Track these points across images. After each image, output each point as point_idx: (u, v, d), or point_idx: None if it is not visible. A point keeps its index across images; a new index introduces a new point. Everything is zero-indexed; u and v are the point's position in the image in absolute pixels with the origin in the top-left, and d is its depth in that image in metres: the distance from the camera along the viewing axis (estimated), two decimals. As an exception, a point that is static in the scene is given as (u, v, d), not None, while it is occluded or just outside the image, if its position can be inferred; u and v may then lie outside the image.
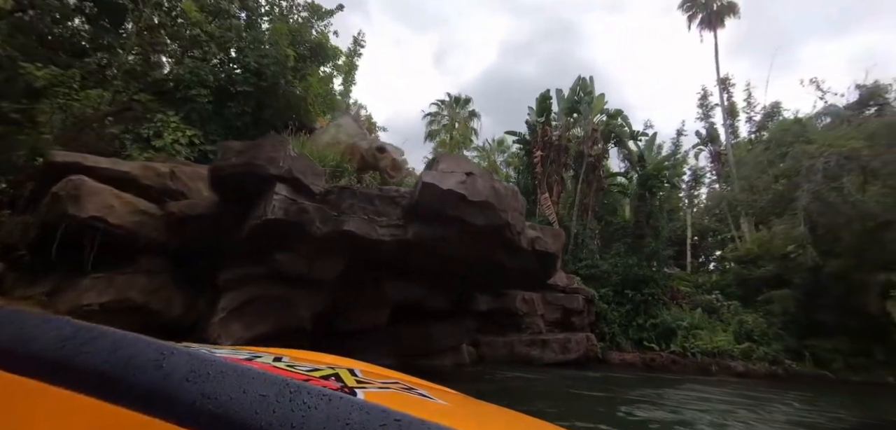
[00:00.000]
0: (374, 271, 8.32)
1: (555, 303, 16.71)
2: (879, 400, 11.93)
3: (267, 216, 6.87)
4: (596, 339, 16.89)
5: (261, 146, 7.36)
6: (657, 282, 18.08)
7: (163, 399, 0.40)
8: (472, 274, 9.55)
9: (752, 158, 19.02)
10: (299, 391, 0.41)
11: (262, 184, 7.17)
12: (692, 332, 16.66)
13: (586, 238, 20.37)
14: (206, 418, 0.38)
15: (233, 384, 0.41)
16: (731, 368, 15.77)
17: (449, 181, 7.20)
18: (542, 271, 10.18)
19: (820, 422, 7.84)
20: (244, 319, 7.89)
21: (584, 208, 22.02)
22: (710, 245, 28.08)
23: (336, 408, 0.40)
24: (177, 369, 0.41)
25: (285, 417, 0.39)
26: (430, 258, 8.26)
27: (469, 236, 7.96)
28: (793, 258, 18.32)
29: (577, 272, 19.17)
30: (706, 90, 29.79)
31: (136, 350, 0.42)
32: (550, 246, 9.51)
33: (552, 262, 9.95)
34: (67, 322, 0.44)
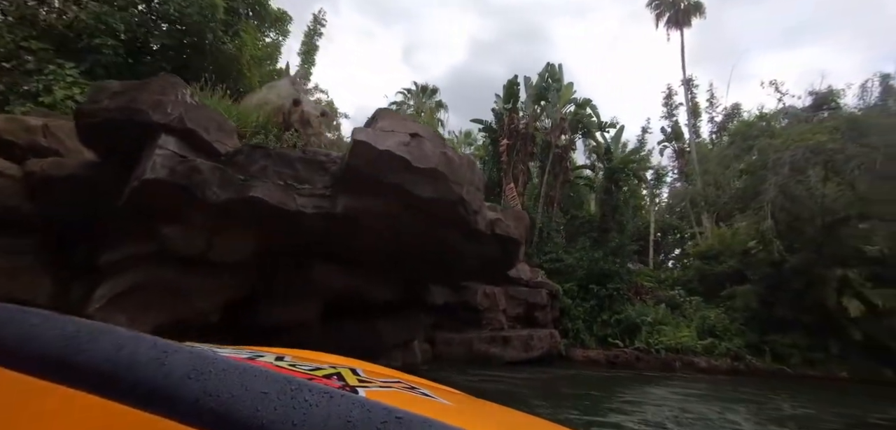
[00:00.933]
0: (298, 253, 6.84)
1: (518, 297, 15.70)
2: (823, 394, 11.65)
3: (145, 176, 5.27)
4: (560, 335, 16.05)
5: (145, 87, 5.71)
6: (622, 277, 17.50)
7: (165, 397, 0.39)
8: (423, 262, 8.26)
9: (717, 153, 18.84)
10: (301, 389, 0.41)
11: (145, 135, 5.54)
12: (656, 328, 16.14)
13: (551, 231, 19.57)
14: (208, 415, 0.38)
15: (234, 381, 0.40)
16: (695, 364, 15.35)
17: (388, 141, 5.84)
18: (503, 260, 9.02)
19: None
20: (129, 309, 6.19)
21: (549, 201, 21.24)
22: (671, 244, 28.28)
23: (338, 405, 0.40)
24: (178, 367, 0.41)
25: (287, 414, 0.38)
26: (368, 239, 6.88)
27: (415, 213, 6.65)
28: (753, 254, 18.31)
29: (542, 266, 18.31)
30: (671, 89, 30.06)
31: (138, 348, 0.42)
32: (512, 231, 8.35)
33: (514, 249, 8.81)
34: (70, 320, 0.43)
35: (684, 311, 17.73)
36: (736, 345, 15.67)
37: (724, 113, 29.22)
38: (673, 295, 18.74)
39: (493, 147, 22.42)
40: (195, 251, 5.87)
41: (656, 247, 25.70)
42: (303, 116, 7.50)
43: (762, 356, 15.48)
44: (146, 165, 5.31)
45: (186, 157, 5.42)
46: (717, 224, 21.50)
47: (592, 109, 20.55)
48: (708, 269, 19.42)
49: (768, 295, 15.93)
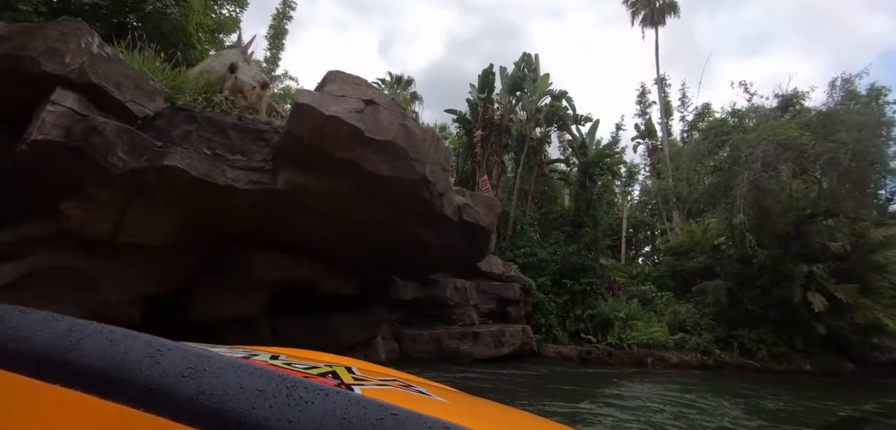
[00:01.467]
0: (235, 238, 5.94)
1: (490, 292, 15.15)
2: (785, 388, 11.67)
3: (33, 137, 4.29)
4: (532, 331, 15.62)
5: (38, 32, 4.70)
6: (595, 272, 17.24)
7: (159, 396, 0.39)
8: (382, 251, 7.49)
9: (690, 148, 18.84)
10: (296, 386, 0.41)
11: (35, 88, 4.54)
12: (629, 323, 15.94)
13: (525, 225, 19.14)
14: (203, 413, 0.38)
15: (230, 379, 0.40)
16: (666, 359, 15.23)
17: (337, 107, 5.04)
18: (472, 250, 8.38)
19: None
20: (24, 301, 5.13)
21: (523, 194, 20.82)
22: (641, 241, 28.53)
23: (333, 403, 0.40)
24: (173, 365, 0.41)
25: (282, 412, 0.38)
26: (315, 224, 6.06)
27: (370, 194, 5.88)
28: (723, 250, 18.46)
29: (515, 260, 17.85)
30: (645, 87, 30.32)
31: (133, 347, 0.42)
32: (482, 218, 7.70)
33: (484, 239, 8.18)
34: (63, 319, 0.43)
35: (656, 306, 17.66)
36: (705, 340, 15.66)
37: (694, 112, 29.74)
38: (645, 290, 18.68)
39: (468, 138, 21.80)
40: (101, 233, 4.90)
41: (628, 243, 25.81)
42: (236, 83, 6.54)
43: (730, 351, 15.53)
44: (35, 125, 4.33)
45: (86, 116, 4.46)
46: (687, 221, 21.66)
47: (568, 102, 20.24)
48: (679, 265, 19.49)
49: (737, 290, 16.00)
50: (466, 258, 8.61)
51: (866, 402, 10.39)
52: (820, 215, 14.83)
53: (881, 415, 9.20)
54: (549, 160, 22.18)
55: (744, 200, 13.53)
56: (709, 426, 6.47)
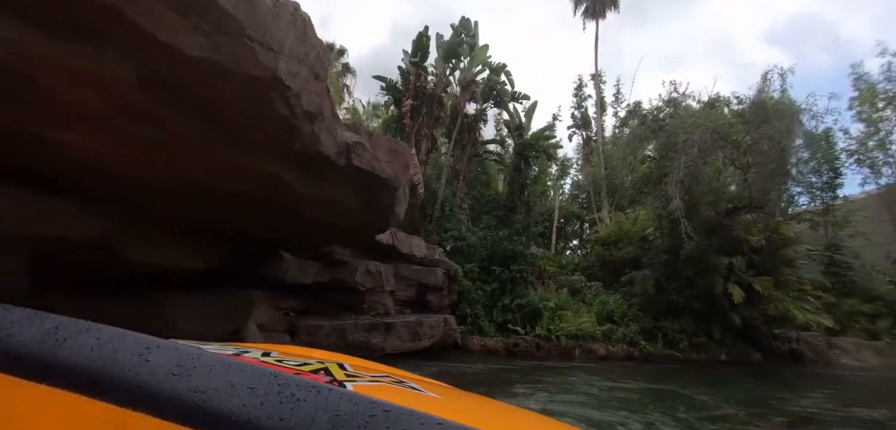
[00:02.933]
0: None
1: (409, 278, 13.21)
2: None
3: None
4: (456, 322, 13.99)
5: None
6: (527, 259, 16.06)
7: (149, 394, 0.38)
8: (224, 202, 5.14)
9: (628, 133, 18.36)
10: (288, 384, 0.40)
11: None
12: (558, 313, 14.95)
13: (455, 207, 17.47)
14: (193, 411, 0.37)
15: (220, 377, 0.40)
16: (594, 351, 14.45)
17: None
18: (371, 213, 6.30)
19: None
20: None
21: (455, 174, 19.15)
22: (570, 235, 28.46)
23: (325, 400, 0.39)
24: (163, 363, 0.40)
25: (274, 409, 0.38)
26: (84, 140, 3.58)
27: (173, 90, 3.55)
28: (651, 240, 18.31)
29: (442, 244, 16.11)
30: (582, 80, 30.24)
31: (121, 345, 0.41)
32: (383, 166, 5.65)
33: (387, 198, 6.13)
34: (48, 317, 0.42)
35: (585, 297, 16.98)
36: (632, 331, 15.15)
37: (627, 110, 30.25)
38: (574, 281, 17.98)
39: (397, 110, 19.61)
40: None
41: (558, 234, 25.38)
42: None
43: (655, 342, 15.16)
44: None
45: None
46: (617, 212, 21.47)
47: (507, 76, 18.85)
48: (608, 255, 19.08)
49: (664, 281, 15.70)
50: (365, 226, 6.54)
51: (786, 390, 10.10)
52: (743, 208, 14.85)
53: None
54: (483, 140, 20.72)
55: (680, 186, 12.97)
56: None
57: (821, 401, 8.87)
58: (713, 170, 13.87)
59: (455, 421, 0.43)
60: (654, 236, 17.98)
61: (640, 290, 15.95)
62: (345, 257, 11.36)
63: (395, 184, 5.87)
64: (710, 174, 13.67)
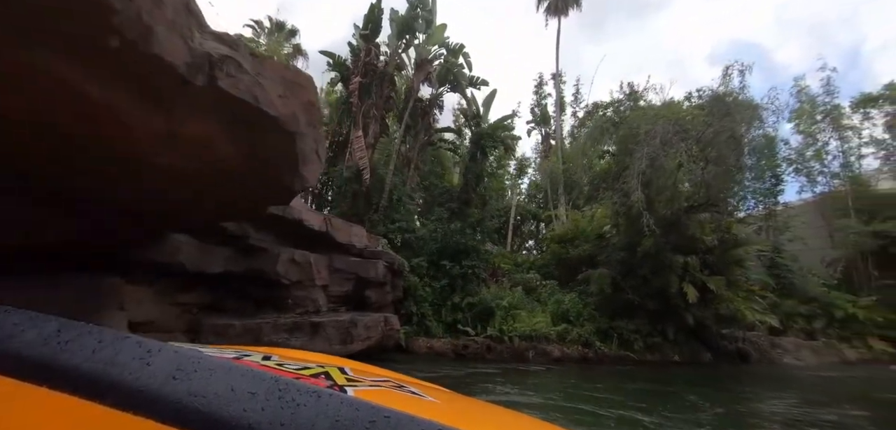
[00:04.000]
0: None
1: (346, 271, 11.59)
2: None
3: None
4: (399, 322, 12.52)
5: None
6: (479, 254, 14.90)
7: (149, 398, 0.38)
8: (60, 157, 3.44)
9: (591, 125, 17.67)
10: (288, 388, 0.40)
11: None
12: (511, 313, 13.89)
13: (404, 196, 16.00)
14: (193, 416, 0.37)
15: (221, 381, 0.40)
16: (548, 353, 13.50)
17: None
18: (257, 170, 4.66)
19: None
20: None
21: (406, 162, 17.69)
22: (526, 235, 27.82)
23: (326, 405, 0.39)
24: (163, 367, 0.40)
25: (275, 414, 0.38)
26: None
27: None
28: (608, 238, 17.79)
29: (388, 236, 14.59)
30: (542, 77, 29.78)
31: (122, 348, 0.41)
32: (272, 100, 4.08)
33: (282, 145, 4.50)
34: (50, 319, 0.42)
35: (540, 296, 16.09)
36: (587, 331, 14.38)
37: (585, 110, 30.12)
38: (530, 279, 17.07)
39: (344, 88, 17.86)
40: None
41: (514, 232, 24.58)
42: None
43: (610, 342, 14.48)
44: None
45: None
46: (574, 210, 20.89)
47: (465, 58, 17.63)
48: (564, 253, 18.36)
49: (621, 280, 15.09)
50: (253, 191, 4.90)
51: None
52: (700, 206, 14.50)
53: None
54: (439, 128, 19.40)
55: (641, 177, 12.30)
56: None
57: (791, 403, 8.32)
58: (673, 165, 13.39)
59: (454, 426, 0.41)
60: (612, 233, 17.48)
61: (597, 289, 15.26)
62: (263, 243, 9.58)
63: (292, 128, 4.32)
64: (670, 169, 13.16)
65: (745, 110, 12.45)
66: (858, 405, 8.48)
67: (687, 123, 12.71)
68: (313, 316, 10.11)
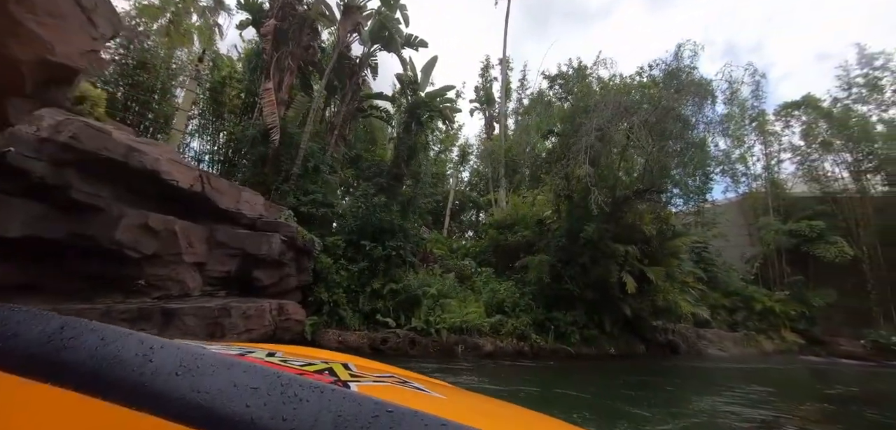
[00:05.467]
0: None
1: (230, 245, 9.12)
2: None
3: None
4: (303, 310, 10.28)
5: None
6: (407, 235, 12.98)
7: (152, 394, 0.38)
8: None
9: (538, 97, 16.29)
10: (291, 384, 0.41)
11: None
12: (440, 302, 12.16)
13: (321, 164, 13.61)
14: (196, 412, 0.38)
15: (223, 377, 0.40)
16: (480, 347, 11.96)
17: None
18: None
19: None
20: None
21: (329, 128, 15.27)
22: (466, 226, 26.44)
23: (328, 400, 0.39)
24: (166, 363, 0.40)
25: (277, 409, 0.38)
26: None
27: None
28: (549, 224, 16.72)
29: (299, 209, 12.20)
30: (489, 60, 28.45)
31: (125, 345, 0.41)
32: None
33: None
34: (53, 317, 0.42)
35: (474, 284, 14.57)
36: (523, 323, 13.07)
37: (530, 98, 29.27)
38: (464, 266, 15.51)
39: (257, 32, 15.00)
40: None
41: (453, 218, 23.00)
42: None
43: (546, 335, 13.30)
44: None
45: None
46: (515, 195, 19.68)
47: (402, 12, 15.49)
48: (502, 239, 17.03)
49: (561, 268, 13.97)
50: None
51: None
52: (645, 191, 13.71)
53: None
54: (370, 93, 17.12)
55: (590, 151, 11.09)
56: None
57: (743, 394, 7.38)
58: (621, 142, 12.44)
59: (458, 422, 0.41)
60: (553, 219, 16.44)
61: (535, 277, 14.02)
62: (94, 199, 6.91)
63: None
64: (618, 142, 12.16)
65: (697, 88, 11.67)
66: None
67: (636, 102, 11.72)
68: (170, 302, 7.61)
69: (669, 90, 11.80)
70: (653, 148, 11.98)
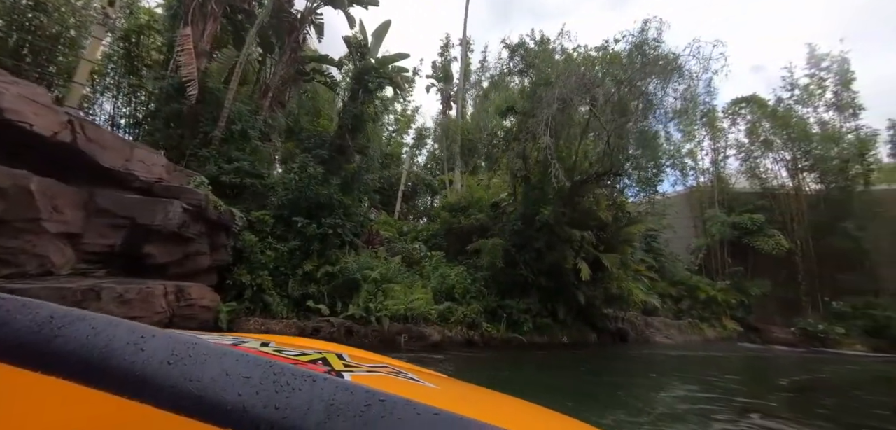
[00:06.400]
0: None
1: (116, 213, 7.37)
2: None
3: None
4: (216, 295, 8.70)
5: None
6: (347, 212, 11.61)
7: (143, 382, 0.38)
8: None
9: (499, 66, 15.19)
10: (283, 373, 0.40)
11: None
12: (383, 287, 10.95)
13: (249, 128, 11.86)
14: (188, 400, 0.37)
15: (215, 366, 0.40)
16: (426, 337, 10.92)
17: None
18: None
19: None
20: None
21: (263, 90, 13.45)
22: (420, 212, 25.26)
23: (321, 389, 0.39)
24: (157, 352, 0.40)
25: (270, 398, 0.38)
26: None
27: None
28: (504, 206, 15.92)
29: (220, 178, 10.47)
30: (449, 39, 27.17)
31: (116, 334, 0.40)
32: None
33: None
34: (42, 306, 0.42)
35: (423, 269, 13.48)
36: (474, 311, 12.17)
37: (490, 79, 28.41)
38: (414, 249, 14.37)
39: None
40: None
41: (408, 201, 21.73)
42: None
43: (498, 324, 12.50)
44: None
45: None
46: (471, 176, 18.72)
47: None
48: (455, 222, 16.02)
49: (515, 252, 13.18)
50: None
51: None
52: (604, 174, 13.16)
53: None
54: (313, 54, 15.36)
55: (552, 122, 10.24)
56: None
57: (710, 383, 6.85)
58: (579, 127, 11.76)
59: (450, 411, 0.41)
60: (508, 202, 15.64)
61: (488, 261, 13.15)
62: None
63: None
64: (579, 120, 11.43)
65: (664, 62, 11.06)
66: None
67: (599, 78, 11.01)
68: (23, 281, 5.86)
69: (634, 65, 11.18)
70: (614, 127, 11.36)
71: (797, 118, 23.20)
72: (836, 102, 22.95)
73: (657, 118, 13.99)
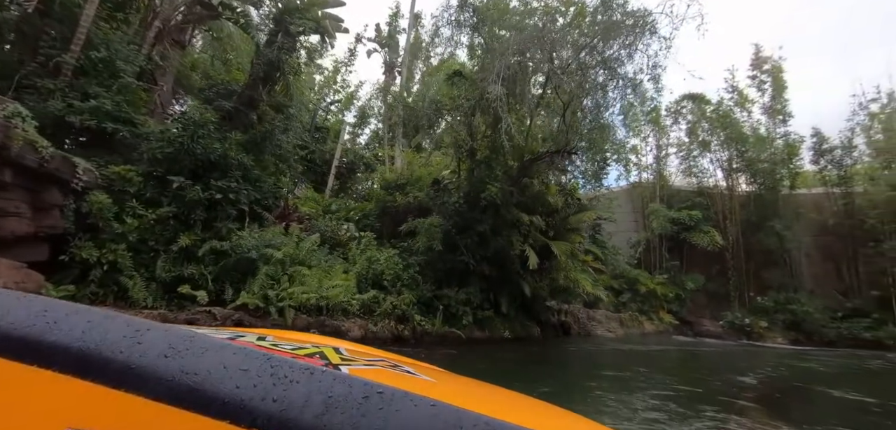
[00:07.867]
0: None
1: None
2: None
3: None
4: (39, 276, 6.18)
5: None
6: (253, 178, 9.29)
7: (140, 376, 0.38)
8: None
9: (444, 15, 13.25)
10: (281, 366, 0.40)
11: None
12: (290, 271, 8.82)
13: (119, 59, 9.06)
14: (185, 393, 0.37)
15: (213, 359, 0.40)
16: (343, 332, 8.96)
17: None
18: None
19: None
20: None
21: (150, 19, 10.60)
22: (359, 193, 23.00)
23: (318, 381, 0.39)
24: (154, 345, 0.40)
25: (267, 390, 0.38)
26: None
27: None
28: (445, 185, 14.25)
29: (66, 119, 7.71)
30: (399, 8, 24.85)
31: (112, 327, 0.40)
32: None
33: None
34: (37, 299, 0.42)
35: (349, 251, 11.48)
36: (405, 301, 10.42)
37: (440, 58, 26.56)
38: (342, 230, 12.29)
39: None
40: None
41: (340, 175, 19.34)
42: None
43: (433, 317, 10.86)
44: None
45: None
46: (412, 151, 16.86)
47: None
48: (391, 201, 14.09)
49: (456, 235, 11.57)
50: None
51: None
52: (557, 153, 11.88)
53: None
54: None
55: (507, 71, 8.65)
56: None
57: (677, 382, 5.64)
58: (529, 105, 10.37)
59: (448, 403, 0.41)
60: (451, 179, 14.00)
61: (425, 244, 11.44)
62: None
63: None
64: (529, 104, 10.02)
65: (634, 20, 9.73)
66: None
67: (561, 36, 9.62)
68: None
69: (598, 25, 9.89)
70: (571, 99, 10.05)
71: (733, 120, 23.90)
72: (771, 106, 23.91)
73: (618, 90, 12.97)
